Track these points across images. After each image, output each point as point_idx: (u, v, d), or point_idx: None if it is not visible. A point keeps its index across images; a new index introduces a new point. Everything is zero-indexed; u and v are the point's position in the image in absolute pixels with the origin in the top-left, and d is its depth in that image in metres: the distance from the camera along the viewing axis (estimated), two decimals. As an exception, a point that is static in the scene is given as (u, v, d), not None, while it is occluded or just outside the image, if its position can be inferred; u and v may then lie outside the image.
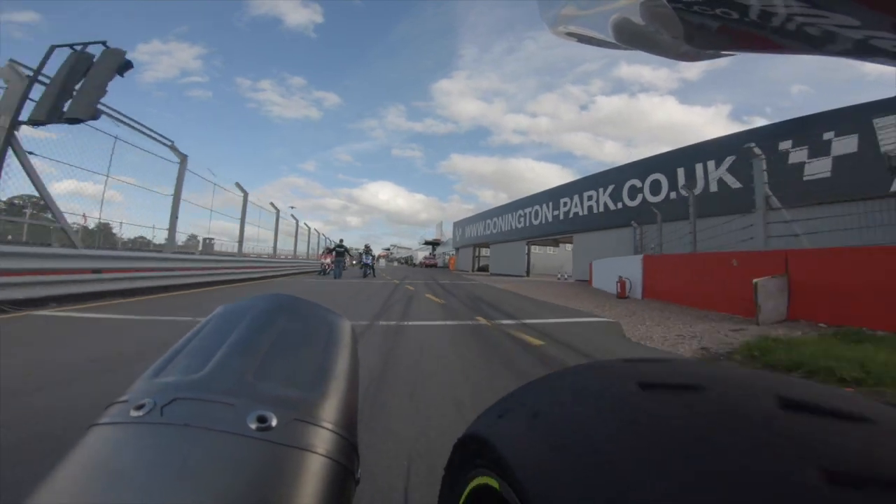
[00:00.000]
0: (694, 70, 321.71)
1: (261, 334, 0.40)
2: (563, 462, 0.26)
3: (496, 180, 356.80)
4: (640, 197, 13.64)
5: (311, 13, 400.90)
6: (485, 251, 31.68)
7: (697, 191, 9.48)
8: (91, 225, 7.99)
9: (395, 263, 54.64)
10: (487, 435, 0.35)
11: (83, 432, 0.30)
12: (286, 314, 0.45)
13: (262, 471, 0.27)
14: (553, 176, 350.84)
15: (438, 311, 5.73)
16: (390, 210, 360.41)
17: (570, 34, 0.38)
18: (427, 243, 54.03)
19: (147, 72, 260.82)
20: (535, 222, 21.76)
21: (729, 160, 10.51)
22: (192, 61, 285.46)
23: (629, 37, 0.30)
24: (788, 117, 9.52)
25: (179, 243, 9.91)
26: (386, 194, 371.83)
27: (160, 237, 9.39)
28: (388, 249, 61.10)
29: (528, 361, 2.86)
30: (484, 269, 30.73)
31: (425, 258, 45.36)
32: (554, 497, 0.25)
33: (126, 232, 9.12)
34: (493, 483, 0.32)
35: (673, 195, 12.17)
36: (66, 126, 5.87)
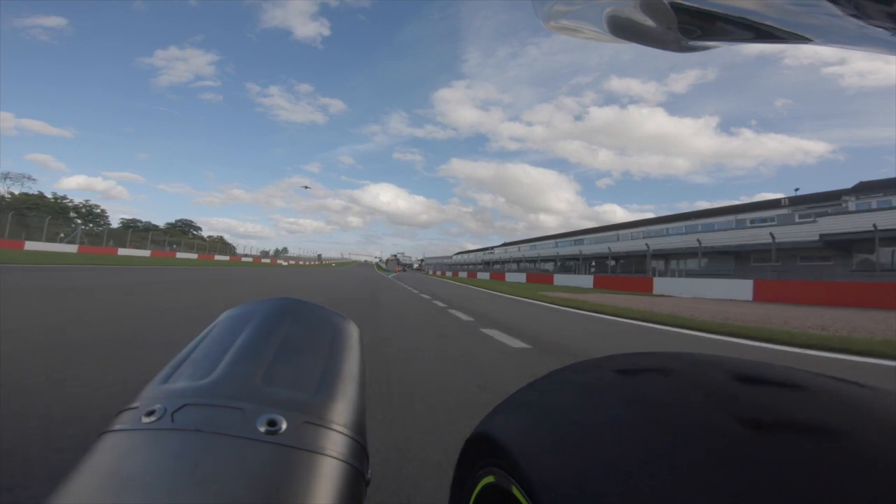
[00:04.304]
0: (681, 83, 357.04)
1: (266, 338, 0.40)
2: (570, 457, 0.27)
3: (494, 184, 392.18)
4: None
5: (319, 26, 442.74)
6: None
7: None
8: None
9: (403, 269, 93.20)
10: (494, 432, 0.35)
11: (95, 439, 0.30)
12: (291, 318, 0.45)
13: (273, 474, 0.27)
14: (550, 181, 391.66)
15: (410, 275, 52.48)
16: (391, 211, 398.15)
17: (565, 28, 0.57)
18: (419, 260, 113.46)
19: (163, 76, 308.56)
20: (443, 262, 71.74)
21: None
22: (206, 67, 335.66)
23: (623, 29, 0.31)
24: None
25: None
26: (387, 196, 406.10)
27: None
28: (395, 256, 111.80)
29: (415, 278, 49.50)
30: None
31: (417, 267, 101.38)
32: (561, 492, 0.25)
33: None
34: (502, 481, 0.32)
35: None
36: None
